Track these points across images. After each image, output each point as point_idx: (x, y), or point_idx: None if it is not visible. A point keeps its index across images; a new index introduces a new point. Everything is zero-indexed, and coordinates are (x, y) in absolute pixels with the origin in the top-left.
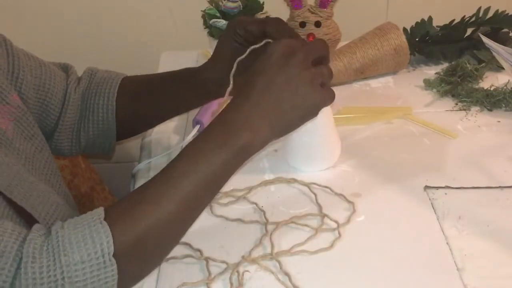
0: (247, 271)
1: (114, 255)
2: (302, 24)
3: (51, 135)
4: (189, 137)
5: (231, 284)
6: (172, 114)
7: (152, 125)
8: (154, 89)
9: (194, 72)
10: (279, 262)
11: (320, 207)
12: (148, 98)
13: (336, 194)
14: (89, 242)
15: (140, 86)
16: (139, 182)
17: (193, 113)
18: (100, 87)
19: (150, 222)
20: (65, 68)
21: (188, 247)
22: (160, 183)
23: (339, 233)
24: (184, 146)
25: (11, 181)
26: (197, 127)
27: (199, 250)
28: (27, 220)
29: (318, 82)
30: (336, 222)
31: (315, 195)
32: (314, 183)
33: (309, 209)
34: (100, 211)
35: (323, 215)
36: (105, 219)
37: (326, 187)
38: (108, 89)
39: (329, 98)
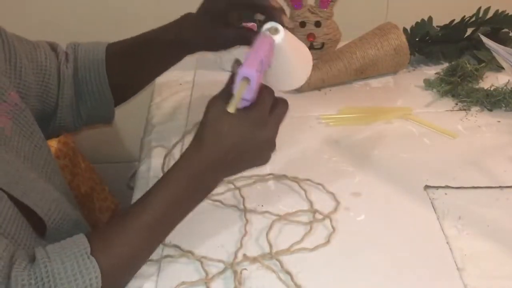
0: (245, 269)
1: None
2: (302, 24)
3: (54, 114)
4: (236, 95)
5: (234, 282)
6: (164, 69)
7: (148, 82)
8: (141, 50)
9: (175, 33)
10: (279, 261)
11: (311, 203)
12: (137, 60)
13: (328, 192)
14: (78, 278)
15: (126, 49)
16: (139, 182)
17: (194, 111)
18: (88, 60)
19: (133, 252)
20: (53, 47)
21: (188, 247)
22: (139, 214)
23: (332, 227)
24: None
25: (11, 178)
26: (244, 83)
27: (197, 250)
28: (28, 217)
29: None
30: (328, 217)
31: (308, 194)
32: (309, 180)
33: (304, 206)
34: (85, 242)
35: (315, 211)
36: (91, 252)
37: (319, 184)
38: (96, 60)
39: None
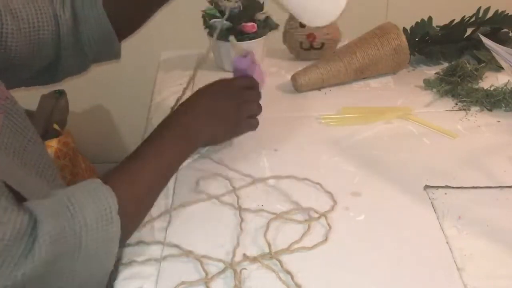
0: (244, 268)
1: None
2: (302, 24)
3: (58, 60)
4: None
5: (233, 282)
6: (161, 3)
7: (152, 12)
8: None
9: None
10: (279, 261)
11: (310, 203)
12: None
13: (327, 192)
14: (97, 201)
15: None
16: None
17: None
18: None
19: (143, 186)
20: None
21: (187, 247)
22: (145, 155)
23: (329, 225)
24: None
25: None
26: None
27: (196, 250)
28: None
29: (247, 115)
30: (324, 215)
31: (307, 192)
32: (309, 179)
33: (304, 206)
34: (96, 179)
35: (313, 210)
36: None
37: (318, 183)
38: None
39: (253, 127)
